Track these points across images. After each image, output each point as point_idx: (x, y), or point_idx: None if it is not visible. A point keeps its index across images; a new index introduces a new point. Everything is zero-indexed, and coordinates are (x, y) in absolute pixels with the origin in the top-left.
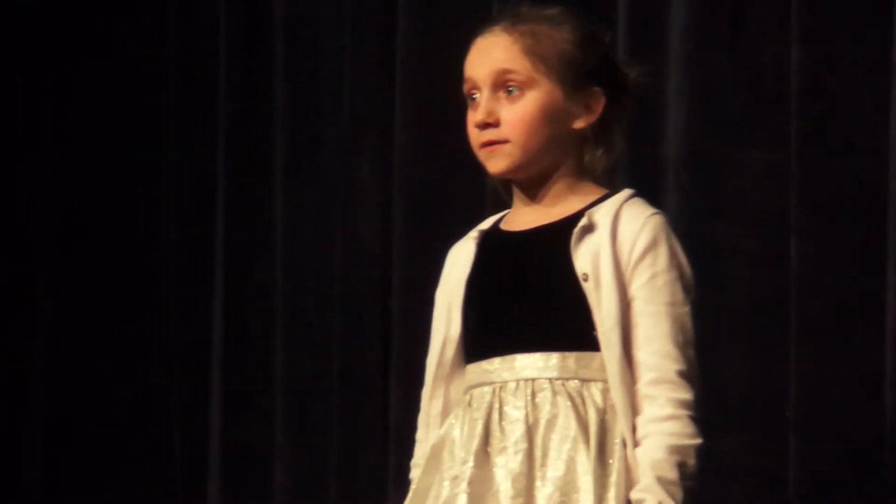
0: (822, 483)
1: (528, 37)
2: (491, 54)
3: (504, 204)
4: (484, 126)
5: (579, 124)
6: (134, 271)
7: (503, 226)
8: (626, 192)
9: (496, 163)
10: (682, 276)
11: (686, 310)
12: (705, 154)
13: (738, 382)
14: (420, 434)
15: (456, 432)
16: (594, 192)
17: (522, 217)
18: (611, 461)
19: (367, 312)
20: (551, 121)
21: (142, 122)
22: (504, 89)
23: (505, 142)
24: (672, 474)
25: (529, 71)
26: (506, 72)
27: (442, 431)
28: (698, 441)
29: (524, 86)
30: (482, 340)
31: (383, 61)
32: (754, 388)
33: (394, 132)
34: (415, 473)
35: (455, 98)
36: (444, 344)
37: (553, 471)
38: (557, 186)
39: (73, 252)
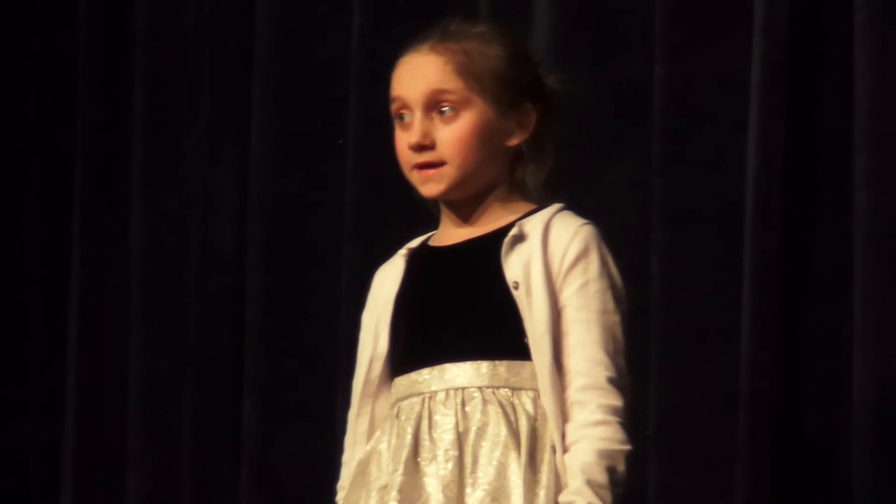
0: (680, 498)
1: (461, 55)
2: (423, 74)
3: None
4: (419, 148)
5: (513, 141)
6: None
7: (432, 242)
8: (557, 205)
9: (433, 187)
10: (613, 286)
11: (617, 318)
12: (567, 169)
13: None
14: (346, 456)
15: (384, 445)
16: (525, 207)
17: (453, 233)
18: (541, 467)
19: (222, 321)
20: (486, 140)
21: (1, 127)
22: (437, 110)
23: (441, 164)
24: (602, 478)
25: (463, 91)
26: (440, 92)
27: (369, 447)
28: (628, 447)
29: (458, 106)
30: (412, 353)
31: (241, 69)
32: None
33: (251, 141)
34: (341, 496)
35: (312, 108)
36: (370, 361)
37: (483, 476)
38: (491, 203)
39: None
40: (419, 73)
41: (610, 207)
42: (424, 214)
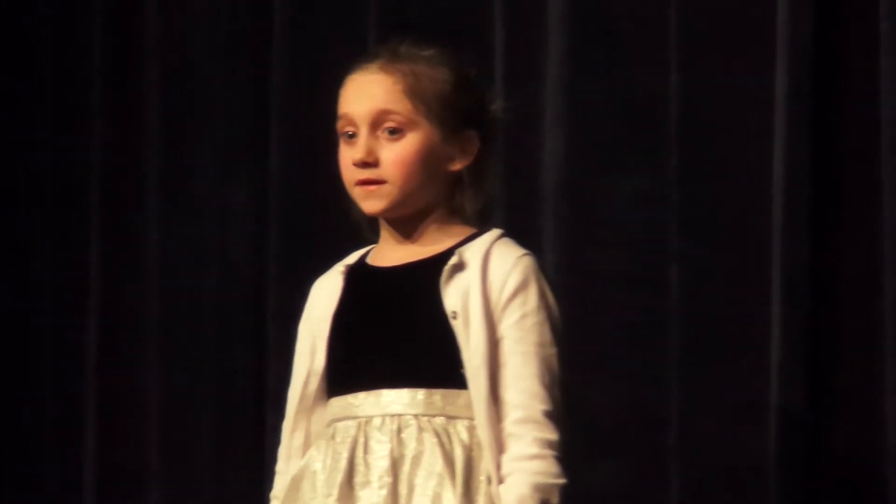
0: None
1: (410, 77)
2: (371, 93)
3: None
4: (363, 165)
5: (455, 167)
6: (7, 295)
7: (371, 261)
8: (496, 231)
9: (374, 203)
10: (550, 318)
11: (554, 351)
12: (583, 182)
13: (617, 410)
14: (280, 466)
15: (318, 465)
16: (463, 232)
17: (391, 253)
18: (476, 498)
19: (241, 338)
20: (429, 163)
21: (16, 145)
22: (383, 129)
23: (383, 182)
24: None
25: (410, 113)
26: (387, 112)
27: (302, 463)
28: (563, 481)
29: (405, 127)
30: (348, 374)
31: (257, 85)
32: (635, 415)
33: (268, 157)
34: None
35: (330, 123)
36: (307, 377)
37: None
38: (429, 225)
39: None
40: (367, 92)
41: (626, 217)
42: None
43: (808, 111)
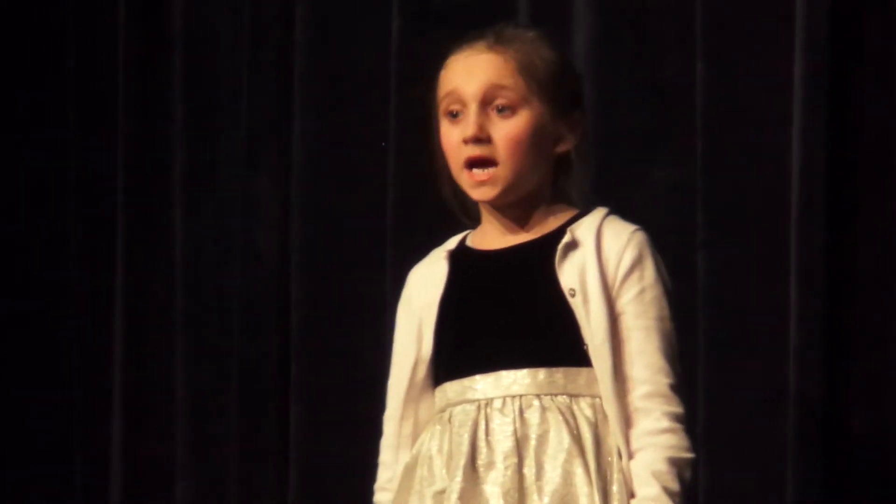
0: (730, 497)
1: (521, 55)
2: (482, 69)
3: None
4: (476, 140)
5: (562, 147)
6: (33, 286)
7: (474, 245)
8: (602, 209)
9: (486, 191)
10: (667, 292)
11: (672, 325)
12: (610, 169)
13: None
14: (386, 457)
15: (433, 449)
16: (568, 211)
17: (497, 237)
18: (609, 473)
19: (266, 328)
20: (539, 143)
21: (41, 137)
22: (493, 107)
23: (493, 163)
24: (676, 486)
25: (523, 90)
26: (499, 88)
27: (414, 450)
28: (693, 455)
29: (517, 105)
30: (463, 358)
31: (281, 76)
32: None
33: (292, 147)
34: (381, 497)
35: (352, 112)
36: (415, 364)
37: (550, 484)
38: (536, 208)
39: None
40: (478, 69)
41: (653, 206)
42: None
43: (825, 98)
